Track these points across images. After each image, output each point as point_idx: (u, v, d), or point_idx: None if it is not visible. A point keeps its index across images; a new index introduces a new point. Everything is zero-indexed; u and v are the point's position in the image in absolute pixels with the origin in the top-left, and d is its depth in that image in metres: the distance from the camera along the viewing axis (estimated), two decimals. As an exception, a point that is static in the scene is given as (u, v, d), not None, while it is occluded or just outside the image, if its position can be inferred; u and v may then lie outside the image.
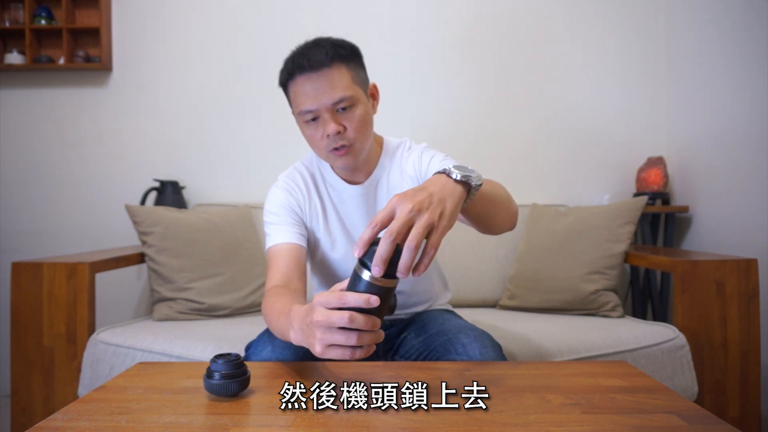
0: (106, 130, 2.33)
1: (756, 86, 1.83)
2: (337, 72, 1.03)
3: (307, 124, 1.06)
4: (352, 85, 1.05)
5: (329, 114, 1.03)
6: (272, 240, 1.13)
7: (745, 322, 1.56)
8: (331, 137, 1.04)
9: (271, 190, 1.20)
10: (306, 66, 1.02)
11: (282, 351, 0.99)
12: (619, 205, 1.91)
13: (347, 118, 1.05)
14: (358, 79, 1.07)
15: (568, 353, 1.43)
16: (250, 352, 1.05)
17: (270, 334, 1.04)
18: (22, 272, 1.56)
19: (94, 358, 1.48)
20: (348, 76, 1.05)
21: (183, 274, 1.77)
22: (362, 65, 1.11)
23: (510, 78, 2.34)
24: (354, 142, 1.06)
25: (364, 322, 0.69)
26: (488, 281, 1.99)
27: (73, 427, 0.68)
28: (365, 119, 1.07)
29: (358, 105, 1.05)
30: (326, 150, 1.07)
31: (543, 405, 0.75)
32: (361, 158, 1.11)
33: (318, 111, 1.03)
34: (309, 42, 1.07)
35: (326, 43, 1.04)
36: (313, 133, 1.06)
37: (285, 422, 0.69)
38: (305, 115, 1.05)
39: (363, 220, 1.18)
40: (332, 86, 1.02)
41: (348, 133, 1.05)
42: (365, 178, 1.18)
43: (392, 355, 1.26)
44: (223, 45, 2.32)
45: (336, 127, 1.03)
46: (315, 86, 1.02)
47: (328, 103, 1.03)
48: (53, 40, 2.29)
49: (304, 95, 1.03)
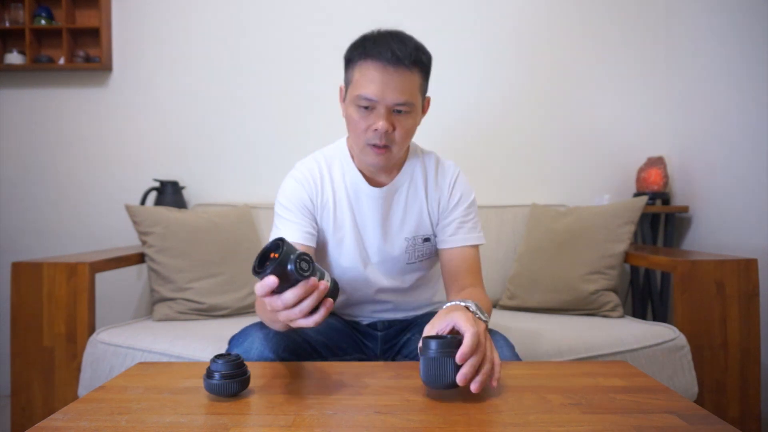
0: (106, 130, 2.33)
1: (756, 86, 1.83)
2: (412, 76, 1.02)
3: (358, 108, 1.04)
4: (417, 92, 1.05)
5: (385, 111, 1.02)
6: (278, 234, 1.13)
7: (745, 322, 1.55)
8: (377, 133, 1.03)
9: (286, 179, 1.19)
10: (386, 56, 1.00)
11: (262, 342, 1.01)
12: (619, 205, 1.91)
13: (399, 121, 1.04)
14: (422, 89, 1.07)
15: (568, 353, 1.43)
16: (232, 344, 1.06)
17: (251, 327, 1.07)
18: (22, 272, 1.56)
19: (94, 358, 1.48)
20: (417, 84, 1.04)
21: (183, 274, 1.77)
22: (429, 76, 1.10)
23: (510, 78, 2.34)
24: (395, 145, 1.06)
25: (292, 296, 0.71)
26: (488, 281, 1.97)
27: (73, 427, 0.68)
28: (413, 129, 1.08)
29: (412, 113, 1.05)
30: (366, 141, 1.06)
31: (543, 405, 0.75)
32: (392, 162, 1.11)
33: (377, 103, 1.02)
34: (392, 31, 1.04)
35: (411, 42, 1.03)
36: (360, 120, 1.05)
37: (285, 422, 0.69)
38: (362, 100, 1.03)
39: (374, 222, 1.17)
40: (402, 87, 1.01)
41: (394, 135, 1.05)
42: (387, 181, 1.17)
43: (394, 356, 1.26)
44: (223, 45, 2.32)
45: (386, 126, 1.02)
46: (386, 79, 1.01)
47: (390, 101, 1.02)
48: (53, 40, 2.29)
49: (370, 82, 1.01)
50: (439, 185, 1.19)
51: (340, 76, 1.14)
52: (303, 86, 2.31)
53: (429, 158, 1.22)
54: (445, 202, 1.19)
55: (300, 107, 2.32)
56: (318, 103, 2.30)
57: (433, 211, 1.19)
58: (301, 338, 1.10)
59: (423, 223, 1.19)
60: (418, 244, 1.19)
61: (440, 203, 1.19)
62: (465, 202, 1.19)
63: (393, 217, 1.18)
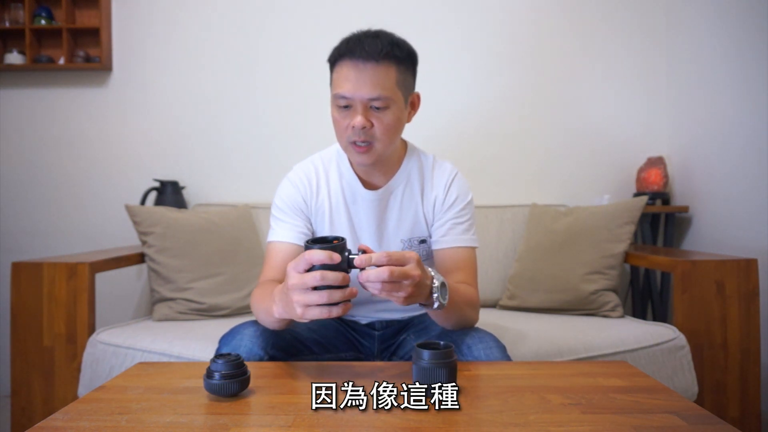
0: (106, 130, 2.33)
1: (756, 86, 1.83)
2: (384, 70, 1.02)
3: (338, 108, 1.05)
4: (394, 87, 1.04)
5: (361, 107, 1.03)
6: (273, 235, 1.16)
7: (745, 322, 1.55)
8: (355, 129, 1.03)
9: (283, 181, 1.21)
10: (357, 53, 1.01)
11: (251, 339, 1.02)
12: (619, 205, 1.91)
13: (377, 117, 1.04)
14: (402, 84, 1.06)
15: (568, 353, 1.43)
16: (222, 343, 1.06)
17: (241, 326, 1.08)
18: (22, 272, 1.56)
19: (93, 358, 1.48)
20: (393, 78, 1.04)
21: (183, 274, 1.77)
22: (413, 71, 1.10)
23: (511, 78, 2.34)
24: (376, 141, 1.06)
25: (333, 277, 0.77)
26: (488, 281, 1.99)
27: (73, 427, 0.68)
28: (395, 124, 1.07)
29: (392, 108, 1.05)
30: (347, 140, 1.07)
31: (543, 405, 0.75)
32: (381, 159, 1.11)
33: (352, 100, 1.03)
34: (370, 31, 1.05)
35: (385, 38, 1.03)
36: (341, 119, 1.06)
37: (285, 422, 0.69)
38: (339, 99, 1.04)
39: (370, 224, 1.18)
40: (374, 82, 1.01)
41: (373, 131, 1.04)
42: (383, 183, 1.17)
43: (390, 356, 1.26)
44: (223, 45, 2.32)
45: (363, 122, 1.02)
46: (358, 76, 1.01)
47: (364, 96, 1.02)
48: (53, 40, 2.29)
49: (345, 80, 1.02)
50: (435, 186, 1.19)
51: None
52: (303, 87, 2.31)
53: (426, 159, 1.22)
54: (440, 202, 1.18)
55: (300, 107, 2.32)
56: (318, 103, 2.28)
57: (428, 213, 1.19)
58: (291, 336, 1.10)
59: (419, 224, 1.19)
60: (415, 246, 1.20)
61: (435, 204, 1.19)
62: (460, 204, 1.18)
63: (389, 219, 1.19)
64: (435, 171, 1.20)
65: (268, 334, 1.04)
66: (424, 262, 1.22)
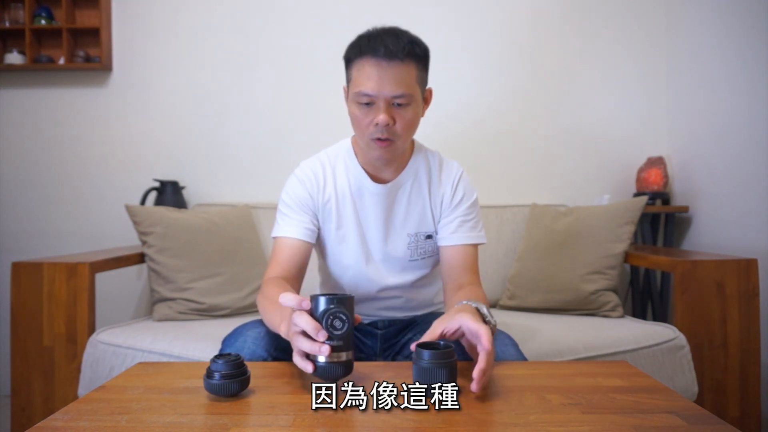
0: (106, 130, 2.33)
1: (756, 86, 1.83)
2: (407, 68, 1.04)
3: (359, 105, 1.06)
4: (415, 84, 1.06)
5: (385, 104, 1.04)
6: (279, 230, 1.17)
7: (745, 322, 1.55)
8: (379, 126, 1.05)
9: (290, 177, 1.22)
10: (380, 52, 1.02)
11: (254, 341, 1.02)
12: (619, 205, 1.91)
13: (399, 114, 1.06)
14: (420, 80, 1.08)
15: (568, 353, 1.43)
16: (225, 344, 1.07)
17: (244, 327, 1.08)
18: (22, 272, 1.56)
19: (93, 358, 1.48)
20: (414, 75, 1.05)
21: (183, 274, 1.77)
22: (428, 68, 1.12)
23: (510, 78, 2.34)
24: (398, 138, 1.08)
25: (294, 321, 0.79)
26: (488, 281, 1.99)
27: (73, 427, 0.68)
28: (414, 120, 1.09)
29: (412, 104, 1.07)
30: (369, 136, 1.07)
31: (543, 405, 0.75)
32: (397, 154, 1.13)
33: (375, 98, 1.04)
34: (386, 28, 1.07)
35: (405, 36, 1.05)
36: (362, 116, 1.07)
37: (285, 422, 0.69)
38: (362, 97, 1.05)
39: (377, 218, 1.19)
40: (398, 80, 1.03)
41: (396, 128, 1.06)
42: (392, 178, 1.19)
43: (394, 355, 1.26)
44: (223, 45, 2.32)
45: (387, 119, 1.04)
46: (382, 74, 1.02)
47: (388, 94, 1.03)
48: (53, 40, 2.29)
49: (367, 78, 1.03)
50: (442, 183, 1.21)
51: (340, 76, 1.15)
52: (303, 86, 2.31)
53: (433, 156, 1.23)
54: (448, 200, 1.20)
55: (300, 107, 2.32)
56: (318, 103, 2.30)
57: (435, 209, 1.21)
58: None
59: (426, 219, 1.20)
60: (421, 241, 1.20)
61: (443, 201, 1.20)
62: (467, 201, 1.21)
63: (396, 213, 1.20)
64: (443, 169, 1.22)
65: (271, 336, 1.04)
66: (429, 258, 1.23)
